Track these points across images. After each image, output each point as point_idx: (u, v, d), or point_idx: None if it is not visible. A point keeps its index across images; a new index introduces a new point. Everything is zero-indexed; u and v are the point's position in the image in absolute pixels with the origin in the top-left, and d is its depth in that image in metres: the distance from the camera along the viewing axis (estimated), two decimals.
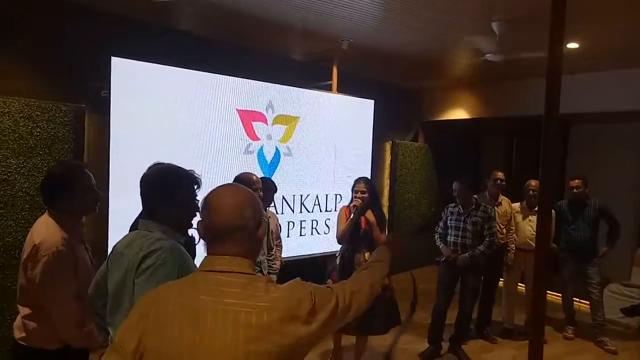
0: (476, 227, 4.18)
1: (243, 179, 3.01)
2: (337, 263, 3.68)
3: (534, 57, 4.32)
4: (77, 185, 2.02)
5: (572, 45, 4.50)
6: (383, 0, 3.69)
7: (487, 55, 4.23)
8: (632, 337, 4.91)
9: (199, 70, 3.98)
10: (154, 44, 3.87)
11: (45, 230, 1.95)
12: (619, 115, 5.76)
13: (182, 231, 1.76)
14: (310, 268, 4.56)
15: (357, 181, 3.68)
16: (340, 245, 3.66)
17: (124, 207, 3.48)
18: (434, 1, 3.61)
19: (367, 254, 3.39)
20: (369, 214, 3.57)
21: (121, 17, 3.97)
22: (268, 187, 3.47)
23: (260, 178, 3.45)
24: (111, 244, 3.44)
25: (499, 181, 4.71)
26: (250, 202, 1.26)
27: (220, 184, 1.32)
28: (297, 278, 1.31)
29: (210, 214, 1.23)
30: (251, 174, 3.20)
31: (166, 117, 3.77)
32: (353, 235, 3.53)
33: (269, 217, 3.54)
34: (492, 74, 5.79)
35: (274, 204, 4.30)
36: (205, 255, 1.24)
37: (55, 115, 3.61)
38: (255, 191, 2.79)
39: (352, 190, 3.66)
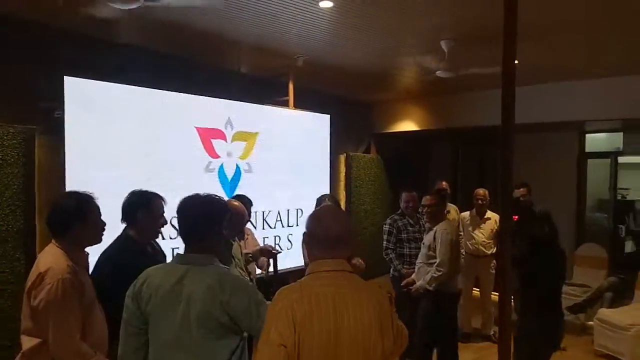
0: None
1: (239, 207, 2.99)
2: None
3: (480, 73, 4.60)
4: (89, 216, 2.06)
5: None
6: (335, 20, 3.78)
7: (437, 72, 4.44)
8: (578, 333, 5.24)
9: (156, 89, 3.90)
10: (108, 62, 3.77)
11: (51, 259, 1.95)
12: (555, 125, 6.19)
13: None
14: (277, 284, 4.53)
15: (319, 199, 3.65)
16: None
17: None
18: (384, 21, 3.75)
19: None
20: None
21: (73, 34, 3.81)
22: (245, 204, 3.38)
23: (235, 196, 3.41)
24: None
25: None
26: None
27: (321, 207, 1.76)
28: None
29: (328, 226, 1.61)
30: (234, 201, 3.16)
31: (123, 137, 3.67)
32: None
33: (248, 234, 3.49)
34: (440, 88, 6.05)
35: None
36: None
37: (2, 138, 3.41)
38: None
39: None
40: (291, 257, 4.81)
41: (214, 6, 3.38)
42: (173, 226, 2.66)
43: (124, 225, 2.42)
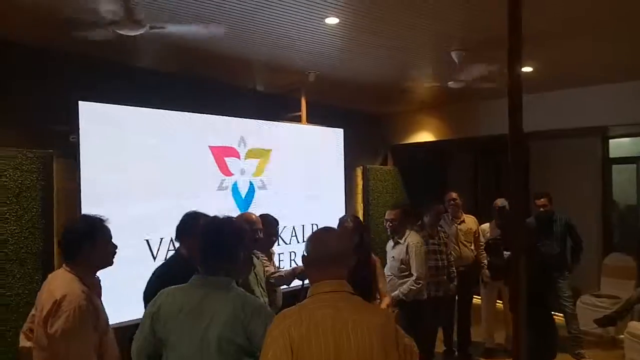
0: (447, 247, 4.32)
1: (244, 220, 2.90)
2: None
3: (493, 81, 4.53)
4: (100, 239, 2.07)
5: (527, 69, 4.74)
6: (343, 35, 3.80)
7: (449, 83, 4.40)
8: (606, 347, 5.05)
9: (169, 109, 3.97)
10: (121, 85, 3.85)
11: (66, 285, 1.96)
12: (577, 130, 6.04)
13: None
14: (290, 300, 4.51)
15: (341, 220, 3.55)
16: None
17: None
18: (392, 35, 3.75)
19: None
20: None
21: (86, 58, 3.92)
22: (270, 223, 3.37)
23: (260, 215, 3.39)
24: None
25: (452, 201, 4.88)
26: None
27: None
28: None
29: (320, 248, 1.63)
30: (251, 213, 3.11)
31: (137, 158, 3.74)
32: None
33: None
34: (455, 97, 5.99)
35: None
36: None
37: (22, 163, 3.51)
38: (256, 232, 2.81)
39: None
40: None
41: (214, 34, 3.43)
42: None
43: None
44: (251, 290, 2.60)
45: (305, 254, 1.66)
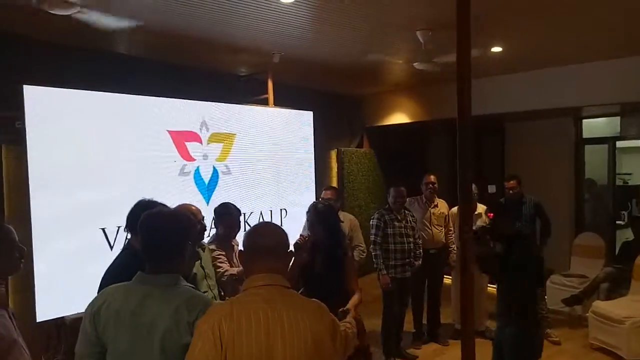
0: (413, 231, 4.29)
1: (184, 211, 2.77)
2: None
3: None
4: (5, 245, 1.81)
5: (496, 49, 4.66)
6: (310, 15, 3.69)
7: (415, 64, 4.31)
8: (575, 326, 5.10)
9: (122, 93, 3.81)
10: (70, 68, 3.72)
11: None
12: (550, 112, 6.01)
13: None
14: None
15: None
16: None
17: (46, 238, 3.33)
18: (358, 12, 3.64)
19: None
20: None
21: (32, 41, 3.75)
22: (229, 214, 3.19)
23: (220, 205, 3.28)
24: (38, 279, 3.26)
25: (430, 184, 4.81)
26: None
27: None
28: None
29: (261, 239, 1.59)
30: (190, 205, 2.86)
31: (90, 145, 3.60)
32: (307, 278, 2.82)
33: (236, 245, 3.28)
34: (429, 78, 5.89)
35: None
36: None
37: None
38: (197, 224, 2.67)
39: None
40: None
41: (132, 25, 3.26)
42: None
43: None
44: (196, 284, 2.52)
45: (242, 248, 1.62)
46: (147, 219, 1.70)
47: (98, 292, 2.11)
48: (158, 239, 1.66)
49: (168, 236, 1.67)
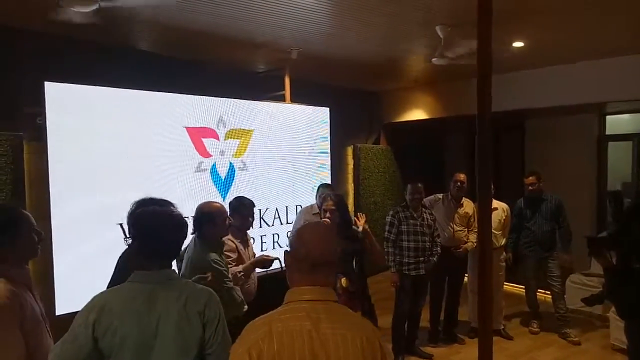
0: (430, 229, 4.23)
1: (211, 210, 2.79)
2: None
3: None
4: (19, 229, 1.88)
5: (518, 44, 4.57)
6: (328, 11, 3.67)
7: (433, 59, 4.25)
8: (595, 326, 5.00)
9: (141, 89, 3.86)
10: (91, 65, 3.75)
11: None
12: (573, 107, 5.88)
13: None
14: (274, 283, 4.48)
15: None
16: None
17: (66, 232, 3.39)
18: (377, 8, 3.60)
19: (343, 280, 2.96)
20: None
21: (53, 37, 3.80)
22: (244, 205, 3.26)
23: (235, 198, 3.32)
24: (58, 273, 3.33)
25: (458, 183, 4.71)
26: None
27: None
28: None
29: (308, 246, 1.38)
30: (213, 202, 2.92)
31: (109, 141, 3.65)
32: None
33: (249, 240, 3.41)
34: (449, 74, 5.83)
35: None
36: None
37: None
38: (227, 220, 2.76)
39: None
40: None
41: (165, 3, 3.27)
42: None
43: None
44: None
45: (288, 250, 1.44)
46: (143, 217, 1.68)
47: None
48: (156, 236, 1.65)
49: (166, 232, 1.67)
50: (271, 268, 3.10)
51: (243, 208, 3.27)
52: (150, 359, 1.56)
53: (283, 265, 1.48)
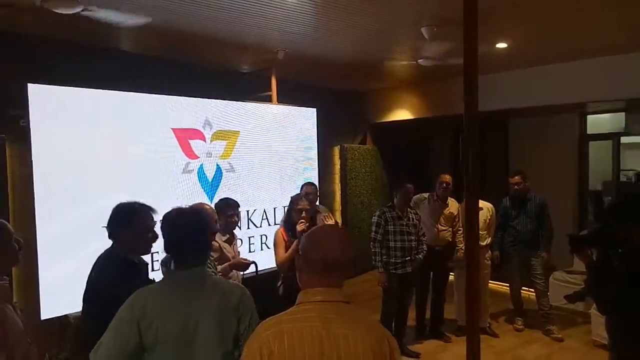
0: (416, 229, 4.27)
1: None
2: (280, 293, 3.51)
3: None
4: (6, 236, 1.83)
5: (501, 45, 4.64)
6: (315, 11, 3.68)
7: (419, 60, 4.29)
8: (577, 322, 5.10)
9: (126, 91, 3.82)
10: (74, 65, 3.70)
11: None
12: (554, 107, 5.98)
13: None
14: (263, 284, 4.48)
15: (298, 197, 3.57)
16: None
17: (51, 236, 3.35)
18: (363, 9, 3.62)
19: None
20: None
21: (34, 38, 3.75)
22: (230, 206, 3.28)
23: (221, 200, 3.33)
24: (43, 275, 3.28)
25: (444, 185, 4.76)
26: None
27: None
28: None
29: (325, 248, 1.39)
30: (204, 204, 2.93)
31: (94, 143, 3.61)
32: None
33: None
34: (434, 74, 5.88)
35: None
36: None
37: None
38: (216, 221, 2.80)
39: (292, 207, 3.57)
40: None
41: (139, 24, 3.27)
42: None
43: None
44: None
45: (301, 252, 1.44)
46: (175, 220, 1.78)
47: (90, 299, 2.12)
48: (191, 237, 1.75)
49: (200, 233, 1.78)
50: (246, 272, 3.22)
51: (228, 208, 3.28)
52: (192, 352, 1.65)
53: (257, 270, 1.53)
